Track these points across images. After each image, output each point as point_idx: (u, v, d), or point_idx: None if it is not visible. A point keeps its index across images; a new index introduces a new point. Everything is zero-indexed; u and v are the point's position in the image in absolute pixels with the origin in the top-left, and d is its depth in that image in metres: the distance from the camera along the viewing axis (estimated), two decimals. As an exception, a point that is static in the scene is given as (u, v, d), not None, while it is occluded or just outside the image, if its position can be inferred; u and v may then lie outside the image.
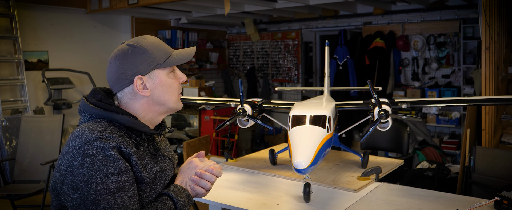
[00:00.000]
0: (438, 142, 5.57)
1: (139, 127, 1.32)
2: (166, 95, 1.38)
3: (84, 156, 1.18)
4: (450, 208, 1.92)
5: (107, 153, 1.19)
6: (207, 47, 7.62)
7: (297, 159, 1.78)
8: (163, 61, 1.36)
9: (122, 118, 1.30)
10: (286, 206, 1.99)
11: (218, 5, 5.97)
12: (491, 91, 3.49)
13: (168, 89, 1.38)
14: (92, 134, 1.21)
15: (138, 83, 1.33)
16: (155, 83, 1.35)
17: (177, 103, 1.43)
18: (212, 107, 5.53)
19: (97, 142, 1.20)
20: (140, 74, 1.33)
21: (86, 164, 1.18)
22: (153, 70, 1.35)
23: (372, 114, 2.21)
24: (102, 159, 1.18)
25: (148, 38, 1.38)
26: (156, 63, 1.34)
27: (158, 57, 1.35)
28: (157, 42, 1.38)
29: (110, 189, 1.18)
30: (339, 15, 6.66)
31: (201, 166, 1.43)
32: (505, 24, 3.75)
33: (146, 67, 1.33)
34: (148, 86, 1.34)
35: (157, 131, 1.40)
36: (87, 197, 1.17)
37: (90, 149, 1.19)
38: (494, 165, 3.01)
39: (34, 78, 5.54)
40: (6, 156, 4.53)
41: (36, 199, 4.30)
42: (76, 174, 1.19)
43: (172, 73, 1.40)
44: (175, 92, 1.41)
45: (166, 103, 1.39)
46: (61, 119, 4.17)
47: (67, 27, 5.85)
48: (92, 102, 1.32)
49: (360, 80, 6.24)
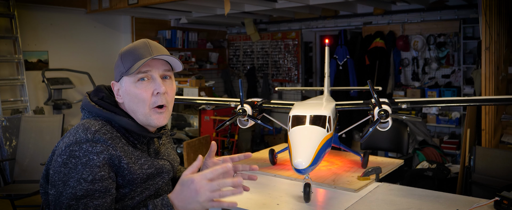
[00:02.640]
0: (438, 142, 5.57)
1: (137, 129, 1.31)
2: (134, 105, 1.32)
3: (69, 156, 1.19)
4: (450, 208, 1.91)
5: (90, 157, 1.18)
6: (207, 47, 7.62)
7: (297, 159, 1.78)
8: (128, 68, 1.31)
9: (120, 119, 1.29)
10: (286, 206, 1.99)
11: (218, 5, 5.97)
12: (491, 91, 3.48)
13: (134, 100, 1.31)
14: (84, 135, 1.21)
15: (115, 89, 1.36)
16: (123, 91, 1.34)
17: (146, 117, 1.30)
18: (212, 107, 5.52)
19: (86, 144, 1.19)
20: (114, 80, 1.36)
21: (70, 165, 1.18)
22: (122, 78, 1.34)
23: (372, 114, 2.21)
24: (84, 163, 1.18)
25: (133, 43, 1.37)
26: (122, 70, 1.33)
27: (125, 64, 1.32)
28: (131, 48, 1.33)
29: (77, 196, 1.16)
30: (339, 15, 6.66)
31: (204, 183, 1.17)
32: (505, 24, 3.75)
33: (117, 74, 1.35)
34: (121, 93, 1.35)
35: (155, 135, 1.37)
36: (59, 196, 1.18)
37: (78, 150, 1.19)
38: (494, 165, 3.00)
39: (34, 78, 5.54)
40: (6, 156, 4.52)
41: (36, 199, 4.29)
42: (57, 171, 1.19)
43: (142, 82, 1.30)
44: (143, 104, 1.29)
45: (136, 113, 1.32)
46: (61, 119, 4.17)
47: (67, 27, 5.85)
48: (94, 100, 1.33)
49: (360, 80, 6.24)
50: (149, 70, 1.31)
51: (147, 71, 1.30)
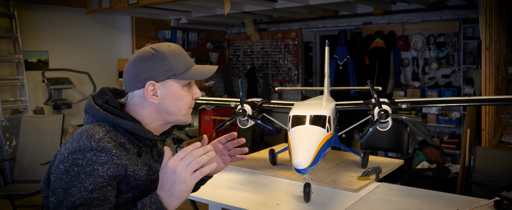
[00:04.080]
0: (438, 142, 5.57)
1: (143, 133, 1.29)
2: (175, 107, 1.34)
3: (72, 163, 1.17)
4: (450, 208, 1.92)
5: (95, 168, 1.17)
6: (207, 47, 7.61)
7: (297, 159, 1.78)
8: (181, 73, 1.32)
9: (126, 123, 1.27)
10: (286, 206, 1.99)
11: (218, 5, 5.97)
12: (491, 91, 3.48)
13: (179, 101, 1.34)
14: (88, 142, 1.19)
15: (149, 89, 1.30)
16: (167, 93, 1.32)
17: (185, 117, 1.39)
18: (212, 107, 5.53)
19: (90, 153, 1.18)
20: (153, 80, 1.30)
21: (72, 173, 1.16)
22: (168, 79, 1.32)
23: (372, 114, 2.21)
24: (88, 172, 1.16)
25: (172, 46, 1.35)
26: (172, 72, 1.31)
27: (176, 67, 1.31)
28: (179, 52, 1.34)
29: (75, 204, 1.15)
30: (339, 15, 6.66)
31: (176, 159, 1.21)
32: (505, 24, 3.75)
33: (162, 74, 1.30)
34: (159, 94, 1.31)
35: (161, 138, 1.37)
36: (59, 205, 1.17)
37: (82, 159, 1.17)
38: (494, 165, 3.00)
39: (34, 78, 5.54)
40: (6, 156, 4.52)
41: (36, 199, 4.29)
42: (59, 178, 1.18)
43: (187, 87, 1.37)
44: (186, 106, 1.37)
45: (175, 114, 1.35)
46: (61, 119, 4.17)
47: (67, 27, 5.85)
48: (98, 103, 1.31)
49: (360, 80, 6.24)
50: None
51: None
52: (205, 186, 2.31)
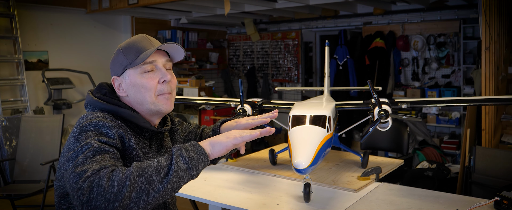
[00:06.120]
0: (438, 142, 5.57)
1: (140, 121, 1.34)
2: (140, 96, 1.35)
3: (81, 131, 1.20)
4: (450, 208, 1.92)
5: (103, 131, 1.21)
6: (207, 47, 7.62)
7: (297, 159, 1.78)
8: (132, 60, 1.34)
9: (124, 111, 1.32)
10: (286, 206, 1.99)
11: (218, 5, 5.97)
12: (491, 91, 3.48)
13: (141, 89, 1.35)
14: (94, 116, 1.25)
15: (116, 84, 1.38)
16: (128, 84, 1.36)
17: (155, 104, 1.36)
18: (212, 107, 5.53)
19: (96, 120, 1.23)
20: (115, 75, 1.38)
21: (81, 137, 1.18)
22: (125, 71, 1.36)
23: (372, 114, 2.21)
24: (97, 133, 1.20)
25: (131, 38, 1.40)
26: (125, 64, 1.35)
27: (128, 58, 1.35)
28: (132, 42, 1.37)
29: (89, 153, 1.12)
30: (339, 15, 6.66)
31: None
32: (505, 24, 3.75)
33: (119, 68, 1.37)
34: (123, 87, 1.37)
35: (159, 129, 1.40)
36: (73, 161, 1.13)
37: (89, 125, 1.21)
38: (494, 165, 3.00)
39: (34, 78, 5.54)
40: (6, 156, 4.52)
41: (36, 199, 4.29)
42: (68, 147, 1.18)
43: (148, 73, 1.34)
44: (150, 93, 1.35)
45: (143, 103, 1.36)
46: (61, 119, 4.17)
47: (67, 27, 5.85)
48: (97, 96, 1.36)
49: (360, 80, 6.24)
50: (154, 61, 1.36)
51: (152, 62, 1.35)
52: (205, 186, 2.31)
